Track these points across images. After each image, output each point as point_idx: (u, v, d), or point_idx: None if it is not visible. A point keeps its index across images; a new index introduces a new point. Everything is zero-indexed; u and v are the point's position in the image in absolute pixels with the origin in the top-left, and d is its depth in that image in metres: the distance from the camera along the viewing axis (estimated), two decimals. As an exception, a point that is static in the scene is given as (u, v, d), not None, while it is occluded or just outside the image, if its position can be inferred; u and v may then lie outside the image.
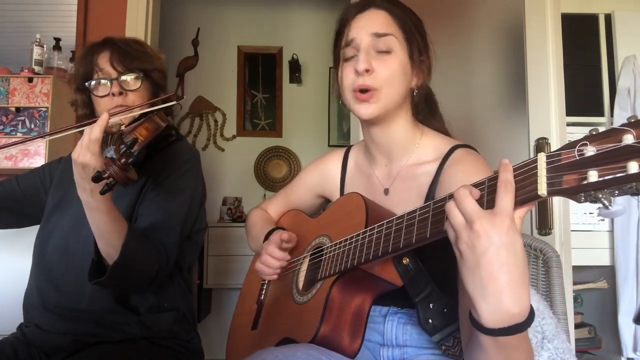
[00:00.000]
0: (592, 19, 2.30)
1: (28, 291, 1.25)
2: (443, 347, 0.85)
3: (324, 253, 0.95)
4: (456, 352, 0.87)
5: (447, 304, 0.86)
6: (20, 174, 1.38)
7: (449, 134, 1.06)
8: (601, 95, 2.28)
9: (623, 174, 0.47)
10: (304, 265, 1.02)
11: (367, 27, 0.93)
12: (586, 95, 2.27)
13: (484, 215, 0.58)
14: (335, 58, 1.01)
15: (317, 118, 3.83)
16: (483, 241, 0.57)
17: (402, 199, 0.97)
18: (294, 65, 3.76)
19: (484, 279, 0.58)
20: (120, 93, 1.20)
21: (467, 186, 0.63)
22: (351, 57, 0.95)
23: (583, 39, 2.29)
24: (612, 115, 2.22)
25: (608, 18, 2.30)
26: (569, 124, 2.07)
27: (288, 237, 1.03)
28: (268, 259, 1.01)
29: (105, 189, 0.90)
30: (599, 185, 0.48)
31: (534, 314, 0.61)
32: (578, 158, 0.51)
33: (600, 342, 2.20)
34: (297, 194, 1.22)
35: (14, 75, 2.01)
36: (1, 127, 1.95)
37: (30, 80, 1.98)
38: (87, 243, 1.09)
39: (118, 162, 0.90)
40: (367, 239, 0.82)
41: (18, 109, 1.96)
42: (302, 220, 1.16)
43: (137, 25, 2.24)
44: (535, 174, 0.55)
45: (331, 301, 0.87)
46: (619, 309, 2.09)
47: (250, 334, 1.10)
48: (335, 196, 1.13)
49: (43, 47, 2.13)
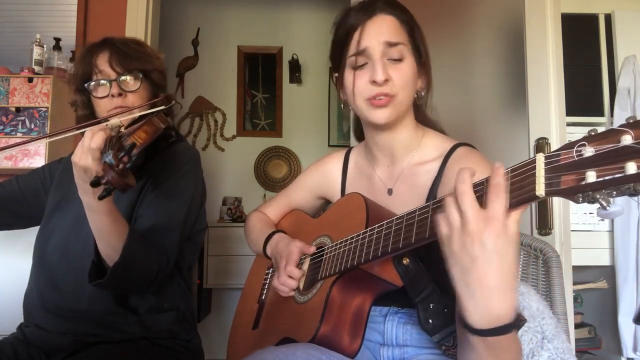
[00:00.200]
0: (592, 19, 2.30)
1: (28, 291, 1.24)
2: (443, 347, 0.85)
3: (325, 253, 0.95)
4: (456, 352, 0.87)
5: (447, 304, 0.86)
6: (20, 175, 1.37)
7: (435, 125, 1.06)
8: (601, 95, 2.28)
9: (621, 175, 0.47)
10: (305, 265, 1.02)
11: (379, 36, 0.92)
12: (586, 95, 2.27)
13: (479, 218, 0.58)
14: (337, 62, 1.00)
15: (317, 118, 3.83)
16: (476, 246, 0.58)
17: (406, 199, 0.97)
18: (294, 65, 3.76)
19: (474, 283, 0.59)
20: (119, 94, 1.20)
21: (468, 171, 0.61)
22: (362, 65, 0.94)
23: (583, 39, 2.29)
24: (612, 115, 2.22)
25: (608, 18, 2.30)
26: (569, 124, 2.06)
27: (301, 253, 1.03)
28: (287, 281, 0.99)
29: (103, 195, 0.89)
30: (597, 185, 0.48)
31: (522, 315, 0.62)
32: (576, 158, 0.51)
33: (600, 342, 2.20)
34: (298, 196, 1.23)
35: (14, 75, 2.02)
36: (1, 127, 1.95)
37: (30, 80, 1.99)
38: (87, 243, 1.09)
39: (116, 168, 0.89)
40: (367, 239, 0.82)
41: (18, 109, 1.96)
42: (303, 220, 1.16)
43: (137, 25, 2.24)
44: (533, 175, 0.55)
45: (331, 301, 0.87)
46: (619, 309, 2.09)
47: (251, 334, 1.10)
48: (335, 197, 1.13)
49: (43, 47, 2.13)
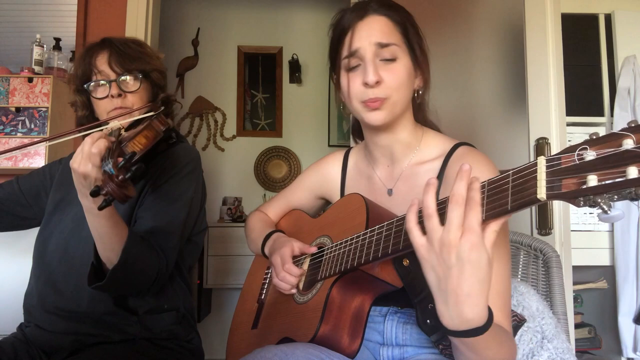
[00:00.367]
0: (592, 19, 2.30)
1: (28, 291, 1.24)
2: (440, 347, 0.85)
3: (325, 253, 0.95)
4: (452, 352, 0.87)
5: None
6: (20, 176, 1.37)
7: (433, 125, 1.06)
8: (601, 95, 2.28)
9: (622, 179, 0.46)
10: (305, 265, 1.02)
11: (370, 37, 0.92)
12: (586, 95, 2.27)
13: (457, 229, 0.61)
14: (333, 64, 1.00)
15: (317, 118, 3.82)
16: (452, 256, 0.61)
17: (406, 199, 0.97)
18: (294, 65, 3.75)
19: (448, 290, 0.63)
20: (119, 95, 1.19)
21: (464, 179, 0.63)
22: (356, 67, 0.94)
23: (583, 39, 2.29)
24: (612, 115, 2.22)
25: (608, 18, 2.30)
26: (569, 124, 2.07)
27: (299, 251, 1.03)
28: (286, 277, 1.00)
29: (102, 205, 0.88)
30: (599, 189, 0.48)
31: (492, 318, 0.65)
32: (578, 162, 0.51)
33: (600, 342, 2.20)
34: (298, 196, 1.23)
35: (14, 75, 2.01)
36: (1, 127, 1.94)
37: (30, 80, 1.98)
38: (87, 244, 1.08)
39: (116, 179, 0.88)
40: (367, 240, 0.82)
41: (18, 109, 1.96)
42: (303, 220, 1.16)
43: (137, 25, 2.24)
44: (534, 178, 0.55)
45: (331, 301, 0.87)
46: (619, 309, 2.09)
47: (250, 333, 1.10)
48: (335, 198, 1.14)
49: (43, 47, 2.13)
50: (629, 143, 0.47)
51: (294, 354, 0.77)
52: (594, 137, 0.51)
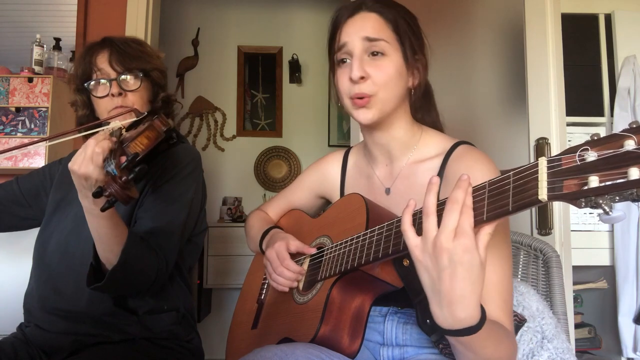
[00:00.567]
0: (592, 19, 2.30)
1: (28, 291, 1.24)
2: (440, 346, 0.85)
3: (325, 254, 0.95)
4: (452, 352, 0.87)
5: None
6: (20, 176, 1.37)
7: (442, 129, 1.06)
8: (601, 95, 2.28)
9: (624, 180, 0.46)
10: (305, 265, 1.02)
11: (359, 32, 0.92)
12: (586, 95, 2.27)
13: (451, 232, 0.62)
14: (330, 62, 1.01)
15: (317, 118, 3.82)
16: (445, 258, 0.62)
17: (404, 198, 0.96)
18: (294, 65, 3.76)
19: (441, 291, 0.64)
20: (119, 93, 1.19)
21: (464, 187, 0.64)
22: (345, 62, 0.95)
23: (583, 39, 2.29)
24: (612, 115, 2.22)
25: (608, 18, 2.30)
26: (569, 124, 2.07)
27: (295, 249, 1.03)
28: (285, 272, 1.00)
29: (105, 207, 0.88)
30: (600, 191, 0.48)
31: (486, 318, 0.66)
32: (579, 163, 0.51)
33: (600, 342, 2.20)
34: (298, 195, 1.23)
35: (14, 75, 2.01)
36: (1, 127, 1.94)
37: (30, 80, 1.98)
38: (87, 245, 1.08)
39: (119, 180, 0.88)
40: (368, 241, 0.82)
41: (18, 109, 1.96)
42: (303, 220, 1.16)
43: (137, 25, 2.24)
44: (536, 179, 0.55)
45: (331, 302, 0.87)
46: (619, 309, 2.09)
47: (250, 334, 1.10)
48: (335, 197, 1.14)
49: (43, 47, 2.13)
50: (631, 144, 0.47)
51: (294, 354, 0.77)
52: (595, 138, 0.51)
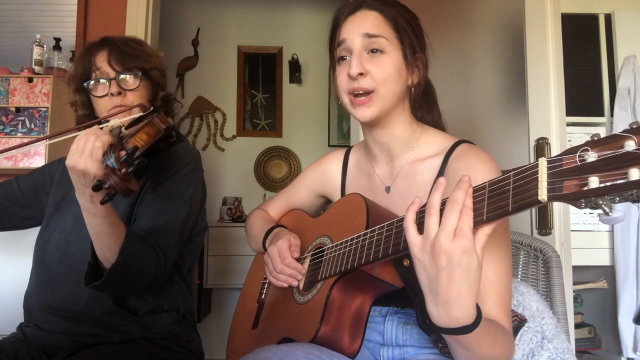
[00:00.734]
0: (592, 19, 2.30)
1: (28, 291, 1.24)
2: (440, 345, 0.86)
3: (325, 254, 0.95)
4: None
5: None
6: (20, 175, 1.37)
7: (444, 128, 1.06)
8: (601, 95, 2.28)
9: (624, 181, 0.46)
10: (305, 265, 1.02)
11: (359, 28, 0.93)
12: (586, 95, 2.27)
13: (450, 232, 0.62)
14: (330, 60, 1.01)
15: (317, 118, 3.82)
16: (443, 259, 0.63)
17: (404, 197, 0.97)
18: (294, 65, 3.76)
19: (438, 291, 0.65)
20: (119, 93, 1.20)
21: (464, 189, 0.64)
22: (344, 59, 0.95)
23: (583, 39, 2.29)
24: (612, 115, 2.22)
25: (608, 18, 2.30)
26: (569, 124, 2.07)
27: (295, 247, 1.03)
28: (284, 268, 1.01)
29: (105, 199, 0.88)
30: (600, 191, 0.48)
31: (481, 317, 0.67)
32: (579, 164, 0.51)
33: (600, 342, 2.20)
34: (298, 194, 1.23)
35: (14, 75, 2.01)
36: (1, 127, 1.94)
37: (30, 80, 1.98)
38: (87, 244, 1.08)
39: (119, 173, 0.88)
40: (368, 241, 0.82)
41: (18, 109, 1.96)
42: (304, 219, 1.16)
43: (137, 25, 2.24)
44: (535, 179, 0.55)
45: (331, 302, 0.87)
46: (619, 309, 2.09)
47: (250, 333, 1.10)
48: (335, 196, 1.13)
49: (43, 47, 2.13)
50: (631, 145, 0.47)
51: (294, 354, 0.77)
52: (596, 139, 0.51)
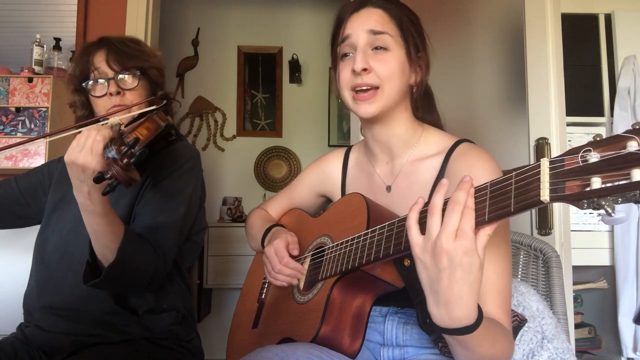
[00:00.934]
0: (592, 19, 2.30)
1: (28, 291, 1.24)
2: (440, 344, 0.86)
3: (325, 253, 0.95)
4: None
5: None
6: (19, 175, 1.37)
7: (444, 129, 1.06)
8: (601, 95, 2.28)
9: (627, 182, 0.46)
10: (305, 264, 1.02)
11: (364, 25, 0.93)
12: (586, 95, 2.27)
13: (452, 233, 0.62)
14: (332, 57, 1.01)
15: (317, 118, 3.82)
16: (444, 259, 0.63)
17: (405, 196, 0.97)
18: (294, 65, 3.75)
19: (439, 291, 0.65)
20: (117, 92, 1.20)
21: (465, 189, 0.64)
22: (347, 55, 0.95)
23: (583, 39, 2.29)
24: (612, 115, 2.22)
25: (608, 18, 2.30)
26: (569, 124, 2.07)
27: (293, 245, 1.03)
28: (283, 268, 1.00)
29: (107, 190, 0.88)
30: (602, 192, 0.48)
31: (482, 317, 0.67)
32: (581, 164, 0.51)
33: (600, 342, 2.20)
34: (299, 194, 1.23)
35: (14, 75, 2.01)
36: (1, 127, 1.94)
37: (30, 80, 1.98)
38: (87, 243, 1.08)
39: (120, 163, 0.88)
40: (369, 241, 0.82)
41: (18, 109, 1.96)
42: (304, 219, 1.16)
43: (137, 25, 2.24)
44: (538, 180, 0.55)
45: (332, 302, 0.87)
46: (619, 309, 2.09)
47: (250, 333, 1.10)
48: (336, 195, 1.13)
49: (43, 47, 2.13)
50: (633, 145, 0.46)
51: (295, 354, 0.77)
52: (598, 139, 0.50)
